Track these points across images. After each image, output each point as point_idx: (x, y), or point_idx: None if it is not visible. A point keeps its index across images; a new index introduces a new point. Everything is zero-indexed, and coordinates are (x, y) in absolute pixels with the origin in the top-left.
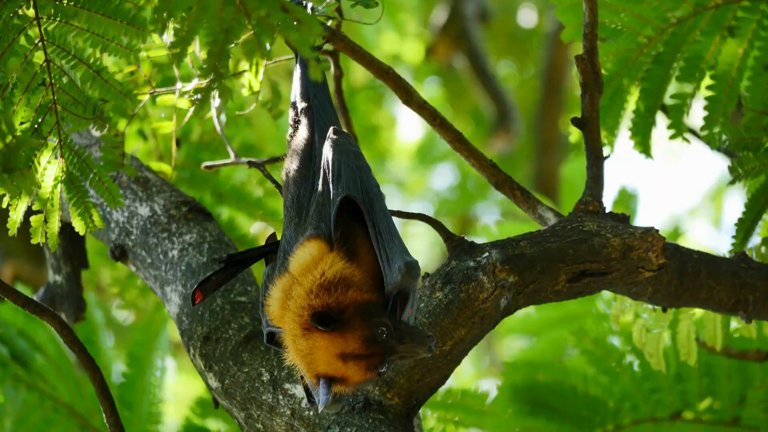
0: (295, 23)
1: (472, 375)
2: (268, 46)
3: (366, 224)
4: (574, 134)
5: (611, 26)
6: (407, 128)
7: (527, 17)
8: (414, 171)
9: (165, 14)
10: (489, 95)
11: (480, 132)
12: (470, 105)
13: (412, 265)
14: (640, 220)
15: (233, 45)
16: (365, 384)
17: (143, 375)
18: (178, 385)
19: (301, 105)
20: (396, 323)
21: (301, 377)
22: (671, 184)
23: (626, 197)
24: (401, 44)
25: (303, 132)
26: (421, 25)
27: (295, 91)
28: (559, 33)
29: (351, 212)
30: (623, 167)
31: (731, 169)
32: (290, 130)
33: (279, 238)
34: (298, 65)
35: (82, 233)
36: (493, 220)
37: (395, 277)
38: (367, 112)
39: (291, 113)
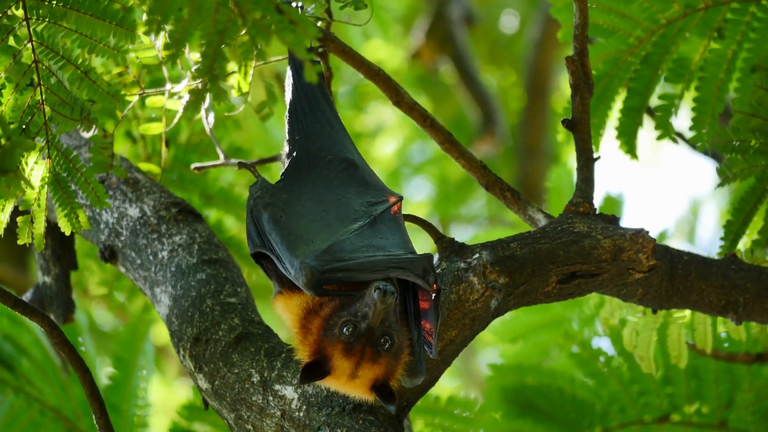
0: (289, 24)
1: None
2: (259, 46)
3: None
4: (562, 135)
5: (603, 26)
6: (385, 140)
7: (509, 23)
8: (390, 182)
9: (159, 16)
10: (474, 98)
11: (460, 140)
12: (451, 111)
13: (302, 268)
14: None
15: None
16: (397, 360)
17: (129, 378)
18: (158, 395)
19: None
20: (351, 308)
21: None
22: (650, 196)
23: (612, 203)
24: (388, 50)
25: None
26: (407, 32)
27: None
28: (544, 37)
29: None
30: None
31: (720, 172)
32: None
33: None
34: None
35: (68, 234)
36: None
37: (301, 284)
38: (349, 118)
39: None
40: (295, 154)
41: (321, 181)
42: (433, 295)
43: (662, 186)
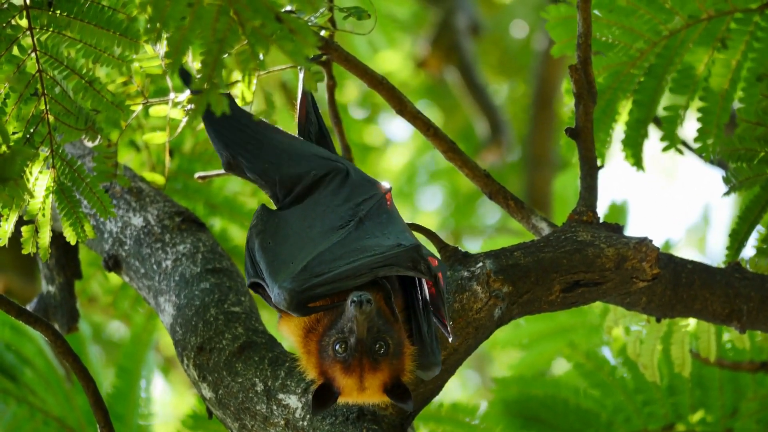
0: (289, 33)
1: (461, 396)
2: (261, 56)
3: None
4: (565, 145)
5: (603, 40)
6: (395, 152)
7: (518, 32)
8: (400, 193)
9: (159, 24)
10: (480, 108)
11: (468, 149)
12: (462, 121)
13: (280, 293)
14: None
15: (226, 55)
16: (400, 358)
17: (133, 387)
18: (168, 404)
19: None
20: (338, 325)
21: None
22: (663, 205)
23: (617, 211)
24: (397, 61)
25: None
26: (414, 41)
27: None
28: (550, 47)
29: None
30: (614, 188)
31: (726, 180)
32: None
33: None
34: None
35: (73, 243)
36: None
37: (283, 308)
38: (358, 130)
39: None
40: (278, 179)
41: (307, 198)
42: (434, 280)
43: (675, 193)
